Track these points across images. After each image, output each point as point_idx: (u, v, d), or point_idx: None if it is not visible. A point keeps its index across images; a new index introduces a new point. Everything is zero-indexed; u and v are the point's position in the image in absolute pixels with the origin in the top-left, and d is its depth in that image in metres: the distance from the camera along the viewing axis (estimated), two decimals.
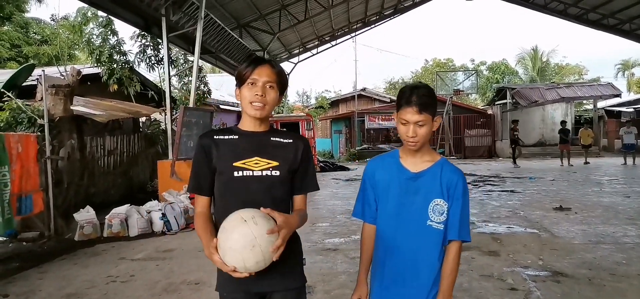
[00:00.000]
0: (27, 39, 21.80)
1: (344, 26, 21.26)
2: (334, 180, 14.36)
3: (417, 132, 1.73)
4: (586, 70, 40.90)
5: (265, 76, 1.71)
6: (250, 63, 1.74)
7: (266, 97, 1.71)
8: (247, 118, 1.78)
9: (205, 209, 1.77)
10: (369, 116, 25.52)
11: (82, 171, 8.39)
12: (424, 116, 1.72)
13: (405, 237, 1.80)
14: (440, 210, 1.78)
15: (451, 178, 1.80)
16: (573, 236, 5.93)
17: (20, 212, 5.72)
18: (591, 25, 18.89)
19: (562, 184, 11.62)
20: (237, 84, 1.77)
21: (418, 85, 1.78)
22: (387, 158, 1.94)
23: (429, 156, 1.85)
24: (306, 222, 1.87)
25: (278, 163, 1.74)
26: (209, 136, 1.78)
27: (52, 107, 7.24)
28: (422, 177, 1.81)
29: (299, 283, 1.83)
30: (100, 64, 11.89)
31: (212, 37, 12.02)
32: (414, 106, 1.71)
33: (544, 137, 25.31)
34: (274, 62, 1.79)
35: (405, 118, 1.74)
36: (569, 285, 4.06)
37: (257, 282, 1.68)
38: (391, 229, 1.83)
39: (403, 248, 1.80)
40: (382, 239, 1.88)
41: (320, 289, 4.13)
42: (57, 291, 4.34)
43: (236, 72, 1.80)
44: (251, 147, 1.74)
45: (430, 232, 1.78)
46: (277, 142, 1.79)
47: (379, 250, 1.89)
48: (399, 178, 1.84)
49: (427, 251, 1.79)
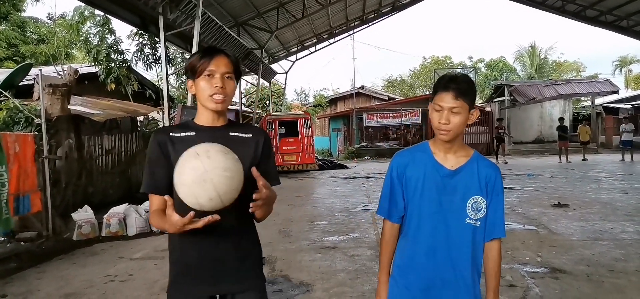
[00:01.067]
0: (24, 38, 21.72)
1: (342, 24, 21.26)
2: (333, 178, 14.35)
3: (451, 120, 1.63)
4: (584, 67, 41.05)
5: (223, 66, 1.64)
6: (204, 54, 1.66)
7: (226, 89, 1.65)
8: (205, 112, 1.70)
9: (163, 207, 1.61)
10: (368, 114, 25.50)
11: (79, 171, 8.36)
12: (460, 102, 1.62)
13: (444, 237, 1.71)
14: (477, 207, 1.70)
15: (489, 174, 1.73)
16: (571, 232, 5.94)
17: (18, 212, 5.70)
18: (589, 22, 18.93)
19: (561, 180, 11.64)
20: (190, 76, 1.69)
21: (458, 74, 1.71)
22: (417, 153, 1.79)
23: (463, 150, 1.75)
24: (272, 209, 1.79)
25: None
26: (165, 132, 1.69)
27: (50, 106, 7.21)
28: (459, 174, 1.71)
29: (259, 285, 1.76)
30: (97, 63, 11.86)
31: (209, 36, 12.01)
32: (451, 91, 1.61)
33: (542, 134, 25.35)
34: (228, 52, 1.72)
35: (440, 104, 1.63)
36: (567, 282, 4.07)
37: (213, 284, 1.65)
38: (427, 230, 1.72)
39: (441, 249, 1.71)
40: (416, 241, 1.75)
41: (320, 287, 4.13)
42: (56, 291, 4.33)
43: (187, 63, 1.72)
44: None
45: (467, 229, 1.71)
46: (237, 137, 1.71)
47: (409, 253, 1.77)
48: (434, 176, 1.72)
49: (465, 249, 1.71)
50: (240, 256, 1.69)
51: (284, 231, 6.55)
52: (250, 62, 16.87)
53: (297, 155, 16.66)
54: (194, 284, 1.64)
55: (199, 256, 1.63)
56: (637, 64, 39.79)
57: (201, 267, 1.64)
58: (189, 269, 1.64)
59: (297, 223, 7.13)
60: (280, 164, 16.46)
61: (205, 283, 1.64)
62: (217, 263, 1.65)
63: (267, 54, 20.12)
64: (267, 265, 4.84)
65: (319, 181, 14.05)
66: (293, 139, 16.70)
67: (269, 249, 5.47)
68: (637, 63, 39.69)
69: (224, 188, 1.43)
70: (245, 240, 1.71)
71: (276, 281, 4.34)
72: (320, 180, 14.20)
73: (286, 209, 8.43)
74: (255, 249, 1.78)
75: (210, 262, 1.64)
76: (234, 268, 1.67)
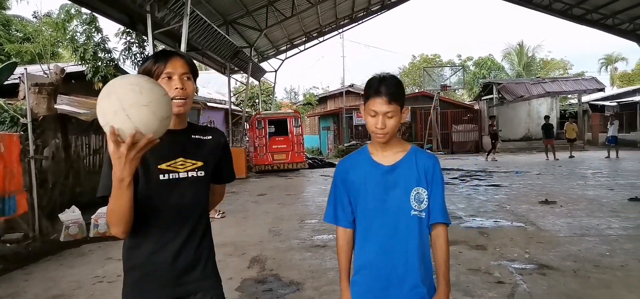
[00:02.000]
0: (8, 36, 21.35)
1: (332, 22, 21.26)
2: (323, 177, 14.36)
3: (386, 124, 1.68)
4: (571, 65, 41.65)
5: (180, 67, 1.62)
6: (159, 57, 1.63)
7: (187, 90, 1.63)
8: None
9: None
10: (357, 112, 25.55)
11: (67, 171, 8.26)
12: (393, 106, 1.67)
13: (393, 233, 1.74)
14: (420, 198, 1.73)
15: (427, 163, 1.77)
16: (558, 229, 6.02)
17: (3, 213, 5.62)
18: (575, 20, 19.17)
19: (548, 177, 11.78)
20: None
21: (386, 75, 1.73)
22: (357, 156, 1.86)
23: (399, 146, 1.80)
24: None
25: (202, 163, 1.68)
26: None
27: (36, 106, 7.12)
28: (398, 169, 1.76)
29: (219, 285, 1.78)
30: (84, 61, 11.70)
31: (198, 34, 11.93)
32: (384, 96, 1.66)
33: (530, 131, 25.62)
34: (182, 52, 1.72)
35: (374, 109, 1.68)
36: (554, 278, 4.12)
37: (175, 286, 1.64)
38: (376, 228, 1.76)
39: (393, 245, 1.73)
40: (367, 240, 1.78)
41: (310, 285, 4.14)
42: (43, 292, 4.28)
43: (141, 69, 1.66)
44: (174, 147, 1.63)
45: (414, 221, 1.74)
46: (198, 139, 1.72)
47: (364, 253, 1.79)
48: (374, 174, 1.77)
49: (414, 241, 1.74)
50: (201, 257, 1.70)
51: (274, 230, 6.54)
52: (239, 60, 16.78)
53: (287, 154, 16.64)
54: (157, 287, 1.62)
55: (160, 259, 1.61)
56: (622, 62, 40.49)
57: (165, 270, 1.62)
58: (152, 273, 1.62)
59: (287, 222, 7.13)
60: (270, 163, 16.43)
61: (169, 285, 1.63)
62: (181, 266, 1.64)
63: (257, 52, 20.05)
64: (257, 264, 4.84)
65: (309, 179, 14.05)
66: (283, 138, 16.68)
67: (259, 249, 5.46)
68: (622, 61, 40.36)
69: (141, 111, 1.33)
70: (204, 242, 1.72)
71: (266, 280, 4.34)
72: (310, 179, 14.19)
73: (276, 208, 8.42)
74: (212, 251, 1.79)
75: (172, 265, 1.62)
76: (196, 270, 1.68)
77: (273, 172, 16.23)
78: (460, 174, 13.11)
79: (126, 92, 1.33)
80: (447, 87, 24.57)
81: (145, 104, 1.33)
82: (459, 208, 7.74)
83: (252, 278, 4.42)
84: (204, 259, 1.71)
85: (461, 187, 10.47)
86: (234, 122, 20.64)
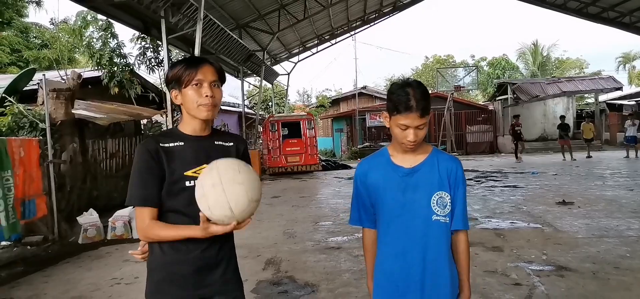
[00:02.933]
0: (27, 43, 21.83)
1: (343, 25, 21.27)
2: (336, 178, 14.35)
3: (418, 135, 1.67)
4: (587, 64, 40.89)
5: (210, 74, 1.67)
6: (190, 64, 1.67)
7: (216, 97, 1.68)
8: (192, 121, 1.71)
9: (156, 217, 1.64)
10: (370, 114, 25.50)
11: (84, 175, 8.39)
12: (425, 119, 1.66)
13: (412, 238, 1.70)
14: (443, 202, 1.70)
15: (450, 166, 1.74)
16: (576, 230, 5.92)
17: (24, 216, 5.73)
18: (591, 19, 18.88)
19: (565, 178, 11.60)
20: (174, 86, 1.68)
21: (413, 85, 1.67)
22: (376, 158, 1.84)
23: (420, 148, 1.76)
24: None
25: None
26: (155, 141, 1.68)
27: (54, 111, 7.25)
28: (418, 172, 1.73)
29: (240, 288, 1.82)
30: (100, 67, 11.89)
31: (211, 38, 12.03)
32: (415, 112, 1.63)
33: (546, 131, 25.25)
34: (212, 60, 1.74)
35: (406, 123, 1.65)
36: (573, 279, 4.06)
37: (197, 288, 1.68)
38: (393, 232, 1.73)
39: (411, 250, 1.70)
40: (384, 244, 1.77)
41: (324, 287, 4.13)
42: (62, 294, 4.35)
43: (170, 74, 1.70)
44: (199, 154, 1.68)
45: (436, 226, 1.70)
46: (221, 146, 1.76)
47: (381, 256, 1.79)
48: (393, 177, 1.74)
49: (437, 247, 1.70)
50: (222, 261, 1.74)
51: (288, 232, 6.56)
52: (252, 64, 16.89)
53: (301, 156, 16.67)
54: (178, 288, 1.66)
55: (183, 261, 1.66)
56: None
57: (186, 272, 1.66)
58: (174, 275, 1.66)
59: (301, 224, 7.14)
60: (284, 165, 16.48)
61: (190, 287, 1.67)
62: (202, 269, 1.68)
63: (269, 55, 20.14)
64: (272, 266, 4.85)
65: (323, 181, 14.05)
66: (296, 140, 16.71)
67: (274, 250, 5.48)
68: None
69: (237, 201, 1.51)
70: (225, 246, 1.76)
71: (281, 282, 4.35)
72: (323, 181, 14.19)
73: (290, 210, 8.43)
74: (234, 255, 1.83)
75: (194, 267, 1.67)
76: (218, 273, 1.72)
77: (286, 174, 16.27)
78: (476, 175, 12.99)
79: (226, 169, 1.52)
80: (460, 88, 24.37)
81: (240, 183, 1.50)
82: (475, 209, 7.66)
83: (267, 279, 4.44)
84: (225, 263, 1.75)
85: (476, 188, 10.37)
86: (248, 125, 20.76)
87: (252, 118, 21.35)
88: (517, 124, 17.51)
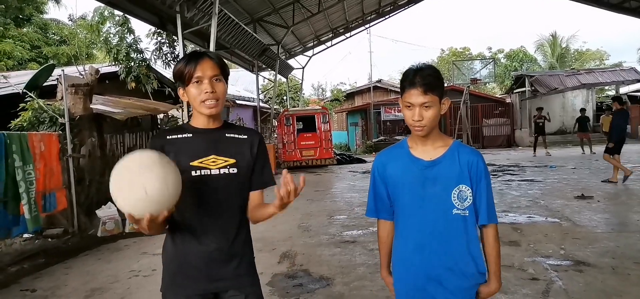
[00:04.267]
0: (46, 39, 22.23)
1: (358, 18, 21.13)
2: (351, 172, 14.34)
3: (423, 115, 1.62)
4: (608, 56, 40.01)
5: (210, 70, 1.64)
6: (189, 60, 1.65)
7: (217, 92, 1.65)
8: (200, 117, 1.71)
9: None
10: (385, 108, 25.39)
11: (103, 169, 8.51)
12: (430, 97, 1.60)
13: (431, 231, 1.68)
14: (463, 196, 1.66)
15: (471, 159, 1.68)
16: (595, 224, 5.82)
17: (44, 209, 5.86)
18: (612, 9, 18.39)
19: (584, 172, 11.40)
20: (179, 84, 1.69)
21: (422, 66, 1.66)
22: (396, 149, 1.80)
23: (441, 141, 1.72)
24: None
25: (235, 160, 1.69)
26: (162, 137, 1.71)
27: (72, 106, 7.37)
28: (438, 164, 1.68)
29: (255, 282, 1.79)
30: (117, 62, 12.03)
31: (226, 33, 12.09)
32: (419, 87, 1.60)
33: (565, 125, 24.82)
34: (213, 53, 1.71)
35: (410, 101, 1.63)
36: (591, 274, 4.00)
37: (210, 281, 1.68)
38: (412, 225, 1.71)
39: (430, 244, 1.68)
40: (403, 237, 1.75)
41: (340, 281, 4.14)
42: (82, 285, 4.45)
43: (174, 71, 1.71)
44: (207, 145, 1.68)
45: (456, 220, 1.67)
46: (232, 138, 1.74)
47: (400, 249, 1.77)
48: (413, 169, 1.70)
49: (457, 241, 1.68)
50: (236, 255, 1.73)
51: (303, 226, 6.58)
52: (267, 58, 16.92)
53: (315, 150, 16.69)
54: (191, 281, 1.68)
55: (195, 253, 1.66)
56: None
57: (198, 265, 1.67)
58: (186, 267, 1.68)
59: (316, 218, 7.16)
60: (299, 159, 16.53)
61: (203, 280, 1.68)
62: (214, 261, 1.68)
63: (284, 49, 20.15)
64: (287, 260, 4.88)
65: (337, 175, 14.05)
66: (311, 134, 16.73)
67: (289, 244, 5.51)
68: None
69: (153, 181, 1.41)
70: (238, 240, 1.75)
71: (296, 275, 4.37)
72: (338, 175, 14.19)
73: (305, 203, 8.46)
74: (248, 250, 1.81)
75: (206, 260, 1.68)
76: (229, 267, 1.71)
77: (301, 168, 16.31)
78: (492, 169, 12.84)
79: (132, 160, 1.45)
80: (477, 81, 24.07)
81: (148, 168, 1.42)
82: None
83: (283, 273, 4.47)
84: (238, 257, 1.74)
85: (493, 182, 10.21)
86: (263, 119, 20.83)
87: (267, 112, 21.41)
88: (539, 117, 17.16)
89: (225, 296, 1.73)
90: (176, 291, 1.69)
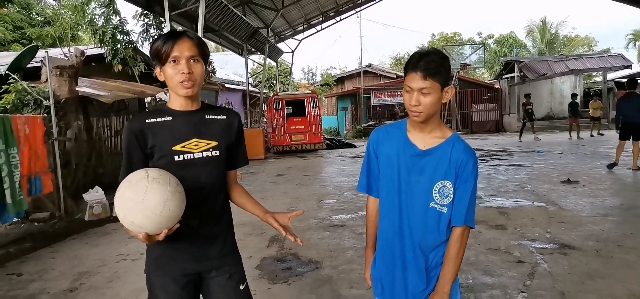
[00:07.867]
0: (29, 20, 21.73)
1: (349, 1, 21.00)
2: (340, 157, 14.36)
3: (420, 101, 1.57)
4: (596, 42, 40.32)
5: (187, 50, 1.59)
6: (167, 39, 1.60)
7: (194, 74, 1.61)
8: (177, 98, 1.68)
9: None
10: (375, 93, 25.37)
11: (89, 152, 8.43)
12: (430, 82, 1.55)
13: (408, 218, 1.68)
14: (444, 192, 1.64)
15: (461, 158, 1.64)
16: (581, 208, 5.91)
17: (30, 193, 5.79)
18: None
19: (571, 157, 11.55)
20: (156, 62, 1.65)
21: (429, 50, 1.62)
22: (393, 129, 1.77)
23: (439, 131, 1.68)
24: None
25: (216, 143, 1.69)
26: (140, 120, 1.66)
27: (57, 88, 7.25)
28: (429, 155, 1.66)
29: (239, 261, 1.82)
30: (103, 44, 11.84)
31: (215, 15, 11.93)
32: (419, 71, 1.55)
33: (552, 110, 25.05)
34: (192, 33, 1.68)
35: (410, 85, 1.58)
36: (576, 257, 4.07)
37: (196, 261, 1.69)
38: (394, 207, 1.71)
39: (406, 229, 1.69)
40: (387, 218, 1.75)
41: (328, 264, 4.17)
42: (69, 269, 4.42)
43: (151, 49, 1.66)
44: (188, 128, 1.66)
45: (433, 214, 1.66)
46: (212, 119, 1.72)
47: (382, 230, 1.78)
48: (405, 154, 1.69)
49: (428, 234, 1.67)
50: (219, 236, 1.75)
51: (292, 210, 6.56)
52: (256, 41, 16.76)
53: (305, 134, 16.67)
54: (176, 262, 1.68)
55: (179, 237, 1.64)
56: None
57: (183, 247, 1.67)
58: (171, 250, 1.67)
59: (305, 202, 7.17)
60: (288, 143, 16.50)
61: (188, 261, 1.69)
62: (200, 242, 1.69)
63: (273, 33, 19.98)
64: (276, 243, 4.89)
65: (327, 160, 14.07)
66: (300, 119, 16.69)
67: None
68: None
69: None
70: (222, 221, 1.77)
71: (285, 259, 4.39)
72: (328, 159, 14.21)
73: (294, 188, 8.46)
74: (231, 230, 1.83)
75: (191, 242, 1.68)
76: (214, 247, 1.72)
77: (291, 152, 16.30)
78: (481, 154, 12.94)
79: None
80: (466, 66, 24.13)
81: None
82: (479, 188, 7.60)
83: (272, 256, 4.48)
84: (222, 238, 1.76)
85: (481, 167, 10.35)
86: (252, 103, 20.71)
87: (256, 96, 21.28)
88: (528, 103, 17.32)
89: (210, 276, 1.74)
90: (160, 273, 1.69)
